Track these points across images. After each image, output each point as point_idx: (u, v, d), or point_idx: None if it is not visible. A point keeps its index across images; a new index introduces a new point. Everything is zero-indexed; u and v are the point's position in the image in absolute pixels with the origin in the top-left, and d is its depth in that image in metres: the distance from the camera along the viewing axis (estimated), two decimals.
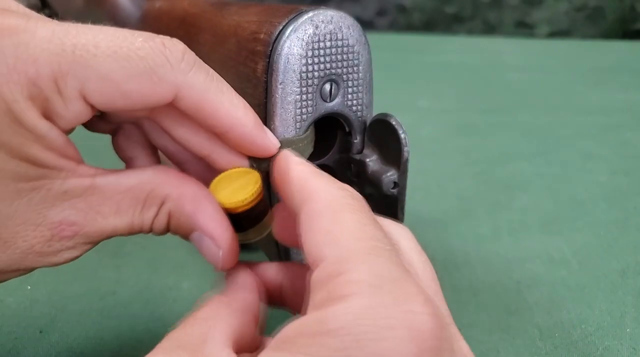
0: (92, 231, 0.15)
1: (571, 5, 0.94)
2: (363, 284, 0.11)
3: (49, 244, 0.14)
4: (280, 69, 0.17)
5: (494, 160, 0.41)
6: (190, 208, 0.15)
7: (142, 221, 0.15)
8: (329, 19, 0.17)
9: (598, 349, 0.22)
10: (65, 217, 0.14)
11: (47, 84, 0.13)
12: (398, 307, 0.11)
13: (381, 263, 0.12)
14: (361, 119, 0.19)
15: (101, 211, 0.15)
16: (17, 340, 0.22)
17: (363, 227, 0.13)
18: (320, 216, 0.13)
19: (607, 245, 0.30)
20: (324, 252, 0.12)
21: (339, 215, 0.13)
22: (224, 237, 0.15)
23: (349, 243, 0.12)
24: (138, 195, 0.15)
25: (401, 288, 0.11)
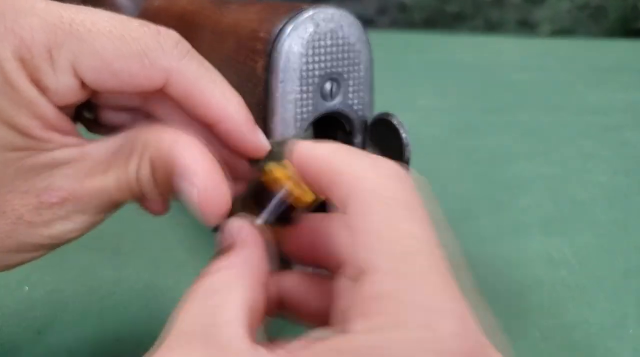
0: (80, 193, 0.14)
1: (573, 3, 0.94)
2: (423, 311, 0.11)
3: (38, 212, 0.14)
4: (281, 67, 0.17)
5: (495, 161, 0.41)
6: (166, 146, 0.14)
7: (127, 174, 0.14)
8: (329, 17, 0.17)
9: (600, 350, 0.22)
10: (51, 183, 0.14)
11: (40, 52, 0.13)
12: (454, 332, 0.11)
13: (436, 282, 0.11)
14: (362, 118, 0.19)
15: (89, 174, 0.14)
16: (15, 341, 0.22)
17: (420, 229, 0.12)
18: (371, 216, 0.12)
19: (608, 245, 0.30)
20: (377, 261, 0.11)
21: (391, 215, 0.12)
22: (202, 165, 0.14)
23: (406, 257, 0.11)
24: (119, 149, 0.15)
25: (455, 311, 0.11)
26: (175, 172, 0.14)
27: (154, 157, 0.14)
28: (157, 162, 0.14)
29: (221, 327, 0.12)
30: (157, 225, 0.31)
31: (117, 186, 0.14)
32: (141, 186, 0.15)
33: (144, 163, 0.14)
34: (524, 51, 0.79)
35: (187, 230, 0.31)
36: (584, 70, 0.69)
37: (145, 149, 0.14)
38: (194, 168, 0.14)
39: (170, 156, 0.14)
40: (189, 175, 0.14)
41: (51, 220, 0.14)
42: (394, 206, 0.12)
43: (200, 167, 0.14)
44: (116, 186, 0.14)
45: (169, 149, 0.14)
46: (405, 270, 0.11)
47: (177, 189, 0.14)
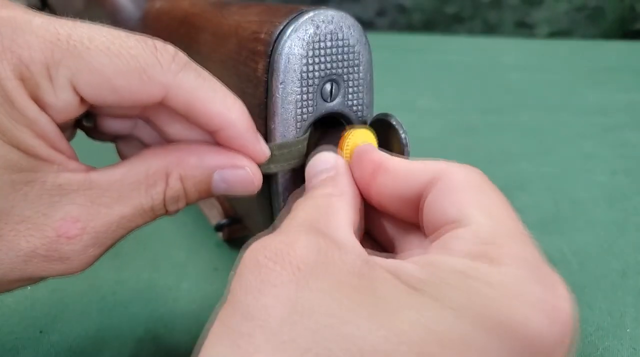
0: (98, 225, 0.14)
1: (571, 5, 0.94)
2: (515, 257, 0.12)
3: (56, 247, 0.14)
4: (281, 68, 0.17)
5: (494, 160, 0.41)
6: (195, 158, 0.15)
7: (151, 200, 0.15)
8: (329, 18, 0.17)
9: (598, 349, 0.22)
10: (66, 213, 0.14)
11: (39, 70, 0.13)
12: (542, 287, 0.11)
13: (528, 244, 0.12)
14: (362, 119, 0.19)
15: (103, 203, 0.14)
16: (17, 340, 0.22)
17: (507, 207, 0.13)
18: (467, 188, 0.13)
19: (607, 245, 0.30)
20: (473, 218, 0.13)
21: (485, 189, 0.13)
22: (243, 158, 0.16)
23: (501, 218, 0.13)
24: (136, 177, 0.15)
25: (548, 274, 0.12)
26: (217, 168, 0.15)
27: (184, 174, 0.15)
28: (190, 174, 0.15)
29: (336, 229, 0.13)
30: (158, 225, 0.31)
31: (141, 214, 0.15)
32: (168, 206, 0.15)
33: (174, 183, 0.15)
34: (523, 52, 0.80)
35: (187, 230, 0.31)
36: (583, 70, 0.69)
37: (170, 172, 0.15)
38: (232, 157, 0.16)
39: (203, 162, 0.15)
40: (236, 163, 0.15)
41: (68, 256, 0.14)
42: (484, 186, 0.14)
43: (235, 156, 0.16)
44: (139, 213, 0.15)
45: (200, 157, 0.15)
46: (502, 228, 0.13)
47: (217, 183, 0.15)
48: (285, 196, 0.19)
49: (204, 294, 0.26)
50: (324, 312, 0.11)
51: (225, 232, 0.29)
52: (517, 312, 0.11)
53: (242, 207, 0.24)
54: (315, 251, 0.12)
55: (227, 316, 0.11)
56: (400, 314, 0.11)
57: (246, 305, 0.11)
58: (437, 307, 0.11)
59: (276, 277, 0.11)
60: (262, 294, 0.11)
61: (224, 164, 0.15)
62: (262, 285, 0.11)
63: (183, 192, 0.15)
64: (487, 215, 0.13)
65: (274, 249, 0.12)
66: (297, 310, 0.11)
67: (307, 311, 0.11)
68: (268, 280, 0.11)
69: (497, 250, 0.12)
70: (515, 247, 0.12)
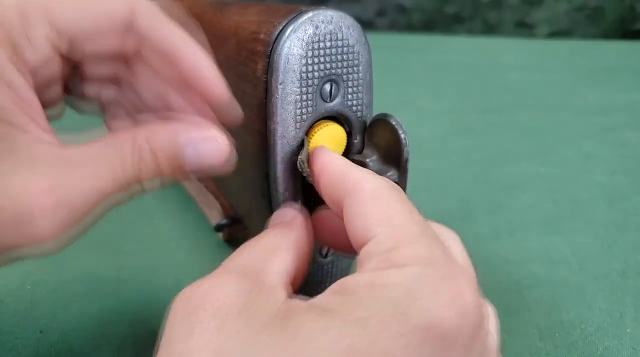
0: (73, 198, 0.13)
1: (571, 5, 0.94)
2: (418, 257, 0.12)
3: (29, 218, 0.13)
4: (280, 69, 0.17)
5: (494, 161, 0.41)
6: (162, 126, 0.15)
7: (126, 174, 0.14)
8: (328, 19, 0.17)
9: (598, 349, 0.22)
10: (40, 185, 0.13)
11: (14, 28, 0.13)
12: (448, 281, 0.12)
13: (432, 245, 0.13)
14: (361, 119, 0.19)
15: (78, 176, 0.14)
16: (17, 340, 0.22)
17: (411, 213, 0.14)
18: (371, 200, 0.14)
19: (607, 245, 0.30)
20: (377, 230, 0.13)
21: (389, 200, 0.14)
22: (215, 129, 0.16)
23: (402, 224, 0.13)
24: (110, 152, 0.14)
25: (450, 268, 0.12)
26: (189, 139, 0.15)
27: (152, 138, 0.15)
28: (156, 140, 0.15)
29: (268, 274, 0.14)
30: (158, 225, 0.32)
31: (117, 186, 0.14)
32: (141, 175, 0.15)
33: (146, 156, 0.15)
34: (523, 52, 0.80)
35: (187, 230, 0.31)
36: (583, 70, 0.69)
37: (136, 137, 0.15)
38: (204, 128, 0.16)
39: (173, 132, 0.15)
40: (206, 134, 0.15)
41: (41, 227, 0.13)
42: (390, 197, 0.14)
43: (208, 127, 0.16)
44: (116, 186, 0.14)
45: (169, 128, 0.15)
46: (402, 233, 0.13)
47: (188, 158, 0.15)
48: (285, 196, 0.19)
49: None
50: (245, 355, 0.11)
51: (225, 232, 0.29)
52: (430, 313, 0.11)
53: (242, 207, 0.24)
54: (241, 296, 0.12)
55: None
56: (313, 338, 0.11)
57: (178, 353, 0.12)
58: (344, 322, 0.11)
59: (202, 325, 0.12)
60: (190, 341, 0.12)
61: (195, 137, 0.15)
62: (190, 333, 0.12)
63: (157, 167, 0.15)
64: (389, 224, 0.13)
65: (201, 296, 0.12)
66: (221, 355, 0.11)
67: (231, 355, 0.11)
68: (194, 328, 0.12)
69: (400, 254, 0.13)
70: (417, 248, 0.13)
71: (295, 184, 0.19)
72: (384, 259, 0.13)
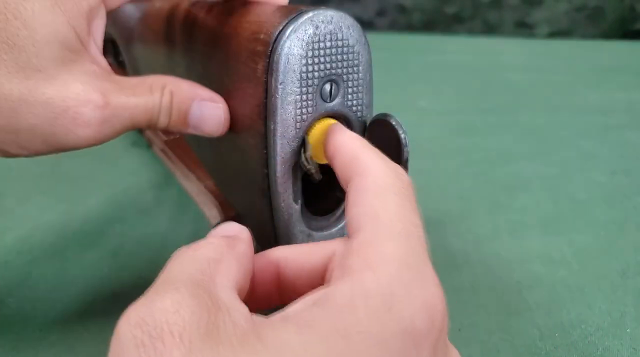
0: (118, 105, 0.17)
1: (571, 5, 0.94)
2: (393, 256, 0.13)
3: (83, 111, 0.16)
4: (280, 69, 0.17)
5: (494, 161, 0.41)
6: (186, 85, 0.19)
7: (153, 101, 0.18)
8: (329, 19, 0.17)
9: (598, 350, 0.22)
10: (97, 88, 0.17)
11: None
12: (418, 283, 0.12)
13: (409, 245, 0.13)
14: (361, 119, 0.19)
15: (122, 92, 0.18)
16: (17, 339, 0.22)
17: (402, 209, 0.14)
18: (367, 191, 0.14)
19: (607, 245, 0.30)
20: (364, 223, 0.14)
21: (384, 193, 0.14)
22: (221, 99, 0.19)
23: (389, 219, 0.14)
24: (145, 84, 0.18)
25: (422, 270, 0.13)
26: (199, 97, 0.19)
27: (174, 90, 0.19)
28: (177, 92, 0.19)
29: (219, 289, 0.13)
30: (158, 225, 0.32)
31: (144, 107, 0.18)
32: (160, 113, 0.18)
33: (166, 95, 0.18)
34: (523, 52, 0.80)
35: (187, 230, 0.31)
36: (583, 70, 0.69)
37: (166, 85, 0.19)
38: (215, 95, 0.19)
39: (191, 89, 0.19)
40: (214, 99, 0.19)
41: (89, 121, 0.17)
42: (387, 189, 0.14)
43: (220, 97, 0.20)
44: (144, 106, 0.18)
45: (191, 87, 0.19)
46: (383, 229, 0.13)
47: (194, 111, 0.19)
48: (285, 196, 0.19)
49: None
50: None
51: None
52: (405, 318, 0.11)
53: (242, 207, 0.24)
54: (202, 315, 0.11)
55: None
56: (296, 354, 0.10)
57: None
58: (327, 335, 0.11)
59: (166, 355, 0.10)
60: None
61: (205, 97, 0.19)
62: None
63: (170, 107, 0.18)
64: (376, 218, 0.14)
65: (157, 319, 0.11)
66: None
67: None
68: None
69: (378, 252, 0.13)
70: (394, 246, 0.13)
71: (295, 184, 0.19)
72: (363, 257, 0.13)
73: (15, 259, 0.28)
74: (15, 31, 0.16)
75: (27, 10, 0.16)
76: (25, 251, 0.29)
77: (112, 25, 0.34)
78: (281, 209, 0.19)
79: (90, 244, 0.29)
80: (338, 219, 0.21)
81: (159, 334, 0.11)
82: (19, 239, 0.30)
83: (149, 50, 0.30)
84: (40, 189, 0.36)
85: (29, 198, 0.34)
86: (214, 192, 0.31)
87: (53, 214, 0.32)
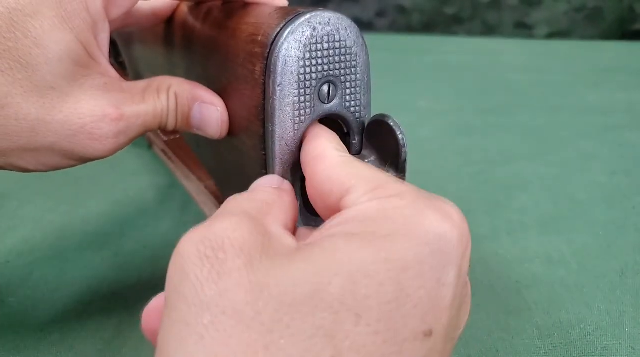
0: (131, 114, 0.18)
1: (570, 6, 0.94)
2: (404, 189, 0.13)
3: (100, 125, 0.17)
4: (278, 71, 0.17)
5: (493, 161, 0.41)
6: (188, 86, 0.19)
7: (161, 105, 0.19)
8: (326, 20, 0.17)
9: (597, 349, 0.22)
10: (110, 101, 0.18)
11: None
12: (437, 203, 0.13)
13: (408, 183, 0.14)
14: (359, 120, 0.20)
15: (133, 101, 0.18)
16: (18, 339, 0.22)
17: (378, 171, 0.15)
18: (338, 166, 0.15)
19: (606, 245, 0.30)
20: (352, 182, 0.14)
21: (354, 163, 0.15)
22: (220, 101, 0.20)
23: (374, 174, 0.14)
24: (152, 88, 0.19)
25: (438, 197, 0.14)
26: (199, 99, 0.19)
27: (178, 92, 0.19)
28: (180, 94, 0.19)
29: (271, 224, 0.14)
30: (158, 225, 0.32)
31: (154, 114, 0.19)
32: (168, 116, 0.19)
33: (171, 97, 0.19)
34: (522, 53, 0.80)
35: (187, 230, 0.31)
36: (583, 71, 0.69)
37: (171, 87, 0.19)
38: (216, 98, 0.20)
39: (193, 91, 0.19)
40: (214, 102, 0.20)
41: (106, 135, 0.17)
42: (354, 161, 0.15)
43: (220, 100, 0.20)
44: (153, 112, 0.18)
45: (192, 88, 0.20)
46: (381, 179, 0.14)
47: (195, 113, 0.19)
48: None
49: None
50: (280, 286, 0.11)
51: None
52: (434, 226, 0.13)
53: None
54: (258, 238, 0.12)
55: (180, 314, 0.11)
56: (352, 256, 0.11)
57: (199, 299, 0.11)
58: (375, 240, 0.12)
59: (227, 265, 0.11)
60: (216, 284, 0.11)
61: (206, 99, 0.20)
62: (216, 274, 0.11)
63: (175, 109, 0.19)
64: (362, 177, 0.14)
65: (219, 237, 0.12)
66: (255, 290, 0.11)
67: (265, 289, 0.11)
68: (221, 268, 0.11)
69: (387, 189, 0.13)
70: (399, 185, 0.14)
71: (295, 185, 0.19)
72: (374, 195, 0.13)
73: (16, 259, 0.28)
74: (27, 50, 0.16)
75: (36, 28, 0.16)
76: (27, 252, 0.29)
77: None
78: None
79: (91, 244, 0.30)
80: None
81: (220, 246, 0.12)
82: (20, 239, 0.30)
83: (149, 52, 0.30)
84: (41, 190, 0.36)
85: (30, 199, 0.35)
86: (214, 193, 0.31)
87: (54, 214, 0.33)
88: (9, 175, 0.39)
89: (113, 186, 0.36)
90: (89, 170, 0.39)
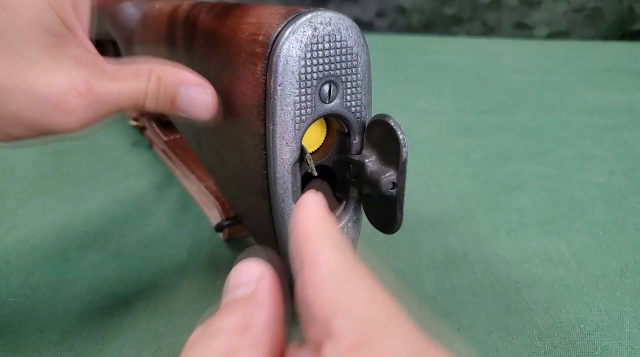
0: (101, 91, 0.17)
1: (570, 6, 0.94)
2: (398, 351, 0.10)
3: (66, 97, 0.16)
4: (279, 70, 0.17)
5: (493, 161, 0.41)
6: (173, 69, 0.19)
7: (139, 87, 0.18)
8: (327, 20, 0.17)
9: (597, 349, 0.22)
10: (80, 74, 0.17)
11: None
12: None
13: (405, 332, 0.11)
14: (360, 119, 0.20)
15: (106, 78, 0.17)
16: (18, 339, 0.22)
17: (374, 293, 0.11)
18: (328, 282, 0.12)
19: (605, 245, 0.30)
20: (336, 324, 0.11)
21: (348, 280, 0.12)
22: (209, 84, 0.19)
23: (365, 310, 0.11)
24: (131, 69, 0.18)
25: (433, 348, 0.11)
26: (185, 82, 0.19)
27: (161, 75, 0.18)
28: (164, 77, 0.18)
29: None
30: (158, 225, 0.32)
31: (130, 94, 0.18)
32: (146, 98, 0.18)
33: (153, 80, 0.18)
34: (521, 53, 0.80)
35: (187, 230, 0.31)
36: (582, 71, 0.69)
37: (153, 69, 0.18)
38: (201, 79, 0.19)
39: (178, 73, 0.19)
40: (200, 82, 0.19)
41: (73, 108, 0.16)
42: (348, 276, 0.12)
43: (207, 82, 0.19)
44: (128, 92, 0.18)
45: (177, 70, 0.19)
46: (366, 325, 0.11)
47: (182, 96, 0.19)
48: (284, 197, 0.19)
49: (204, 294, 0.26)
50: None
51: (225, 233, 0.29)
52: None
53: (242, 208, 0.24)
54: None
55: None
56: None
57: None
58: None
59: None
60: None
61: (192, 82, 0.19)
62: None
63: (157, 91, 0.18)
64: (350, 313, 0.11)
65: None
66: None
67: None
68: None
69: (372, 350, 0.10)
70: (391, 342, 0.11)
71: (294, 184, 0.19)
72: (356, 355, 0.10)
73: (16, 259, 0.28)
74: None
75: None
76: (27, 252, 0.29)
77: (112, 25, 0.34)
78: (281, 209, 0.19)
79: (91, 244, 0.30)
80: (337, 218, 0.21)
81: None
82: (20, 239, 0.30)
83: (149, 51, 0.30)
84: (41, 190, 0.36)
85: (31, 199, 0.35)
86: (214, 193, 0.31)
87: (54, 214, 0.32)
88: (10, 175, 0.39)
89: (113, 186, 0.36)
90: (89, 170, 0.39)
